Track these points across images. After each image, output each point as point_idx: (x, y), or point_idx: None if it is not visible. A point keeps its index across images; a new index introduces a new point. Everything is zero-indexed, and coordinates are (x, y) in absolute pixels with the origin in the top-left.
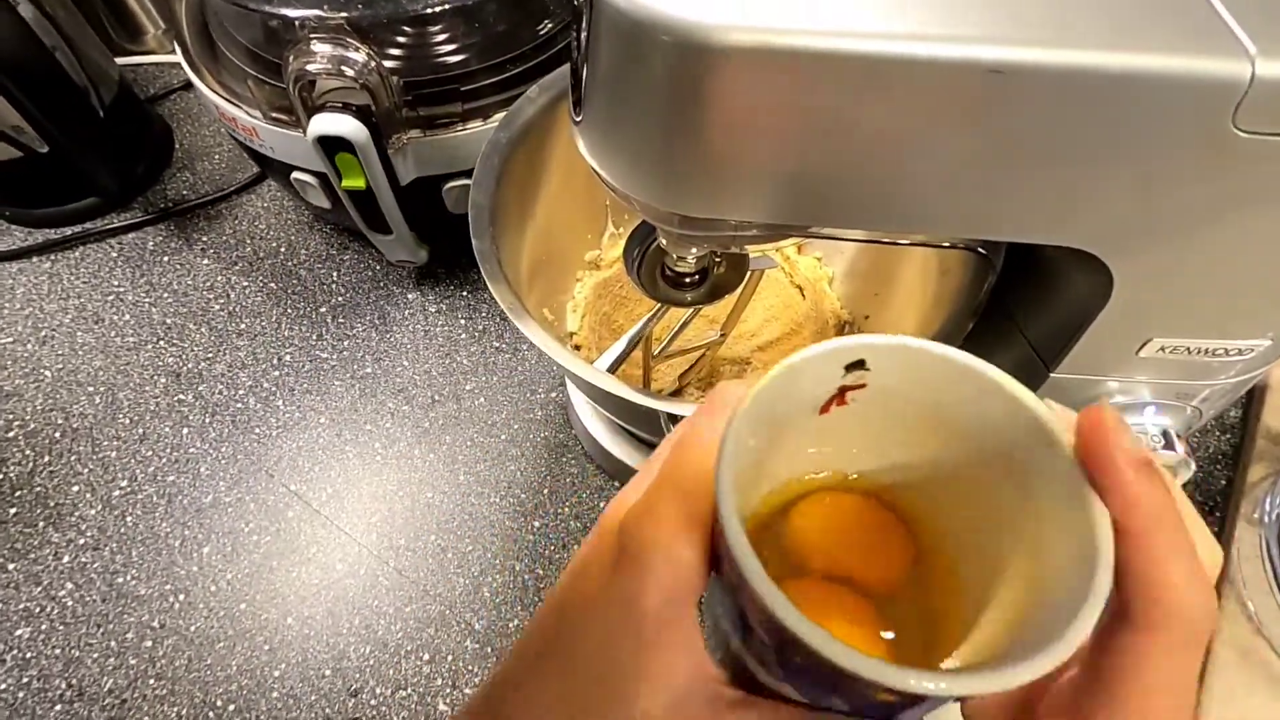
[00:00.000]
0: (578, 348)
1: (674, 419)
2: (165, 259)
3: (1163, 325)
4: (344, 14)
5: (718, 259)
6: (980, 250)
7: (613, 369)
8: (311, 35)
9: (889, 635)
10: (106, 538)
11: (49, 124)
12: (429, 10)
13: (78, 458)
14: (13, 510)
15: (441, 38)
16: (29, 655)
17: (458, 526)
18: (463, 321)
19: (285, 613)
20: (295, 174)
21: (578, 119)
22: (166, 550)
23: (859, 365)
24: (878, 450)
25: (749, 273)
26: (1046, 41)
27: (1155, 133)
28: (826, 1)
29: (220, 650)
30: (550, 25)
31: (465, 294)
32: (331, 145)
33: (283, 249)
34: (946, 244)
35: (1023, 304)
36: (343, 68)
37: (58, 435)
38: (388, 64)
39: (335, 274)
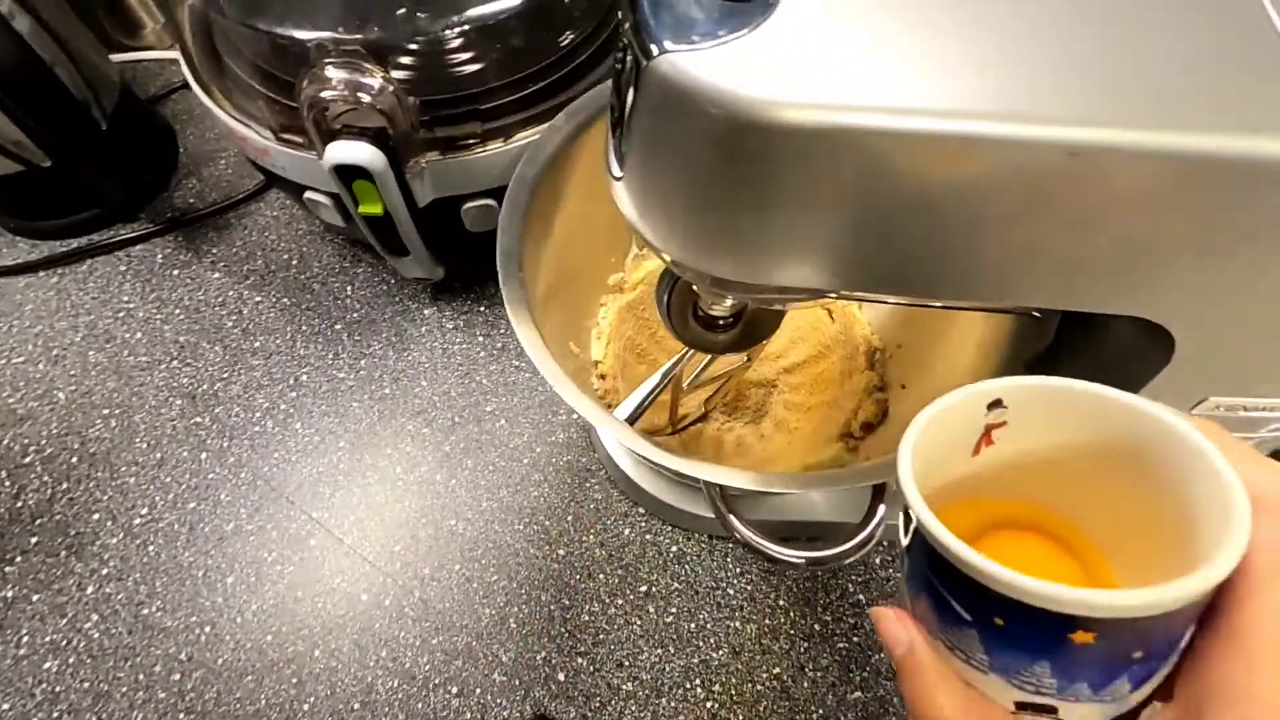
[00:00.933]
0: (603, 377)
1: (716, 489)
2: (175, 272)
3: (1223, 386)
4: (359, 36)
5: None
6: (1035, 314)
7: (633, 418)
8: (326, 60)
9: None
10: (129, 568)
11: (50, 139)
12: (448, 31)
13: (96, 484)
14: (34, 539)
15: (460, 56)
16: (58, 689)
17: (482, 555)
18: (481, 339)
19: (312, 645)
20: (308, 194)
21: (618, 176)
22: (190, 581)
23: (997, 404)
24: (1028, 477)
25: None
26: (1130, 122)
27: (1242, 211)
28: (887, 73)
29: (249, 684)
30: (572, 35)
31: (482, 309)
32: (348, 173)
33: (294, 261)
34: (999, 309)
35: (1072, 362)
36: (359, 94)
37: (75, 460)
38: (404, 83)
39: (349, 288)
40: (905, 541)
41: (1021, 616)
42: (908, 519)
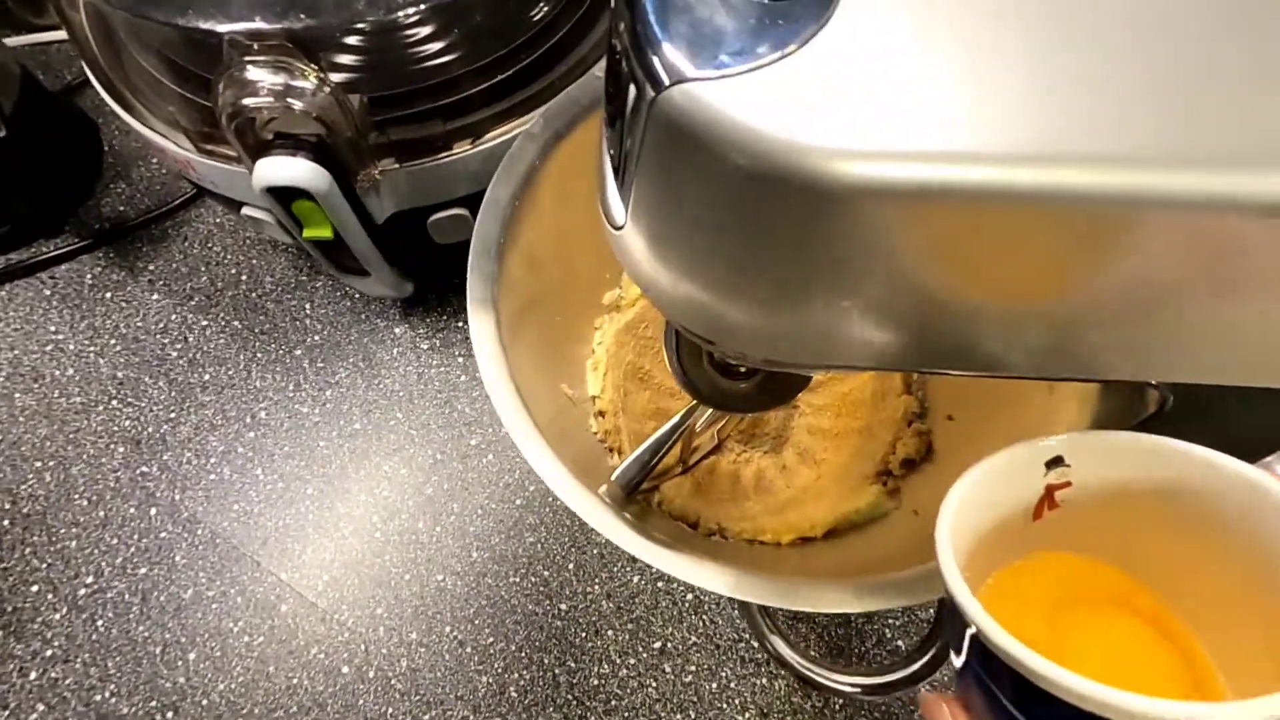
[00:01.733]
0: (601, 414)
1: (761, 611)
2: (108, 295)
3: None
4: (283, 25)
5: None
6: (1151, 384)
7: (632, 486)
8: (245, 59)
9: None
10: (77, 647)
11: None
12: (394, 13)
13: (33, 550)
14: None
15: (411, 40)
16: None
17: (475, 615)
18: (460, 360)
19: None
20: (246, 209)
21: (618, 225)
22: (147, 659)
23: (1058, 462)
24: (1104, 546)
25: None
26: None
27: None
28: (994, 106)
29: None
30: (546, 7)
31: (460, 325)
32: (285, 194)
33: (244, 276)
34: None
35: (1190, 430)
36: (289, 99)
37: (7, 523)
38: (343, 76)
39: (308, 306)
40: (953, 632)
41: (1061, 713)
42: (956, 611)
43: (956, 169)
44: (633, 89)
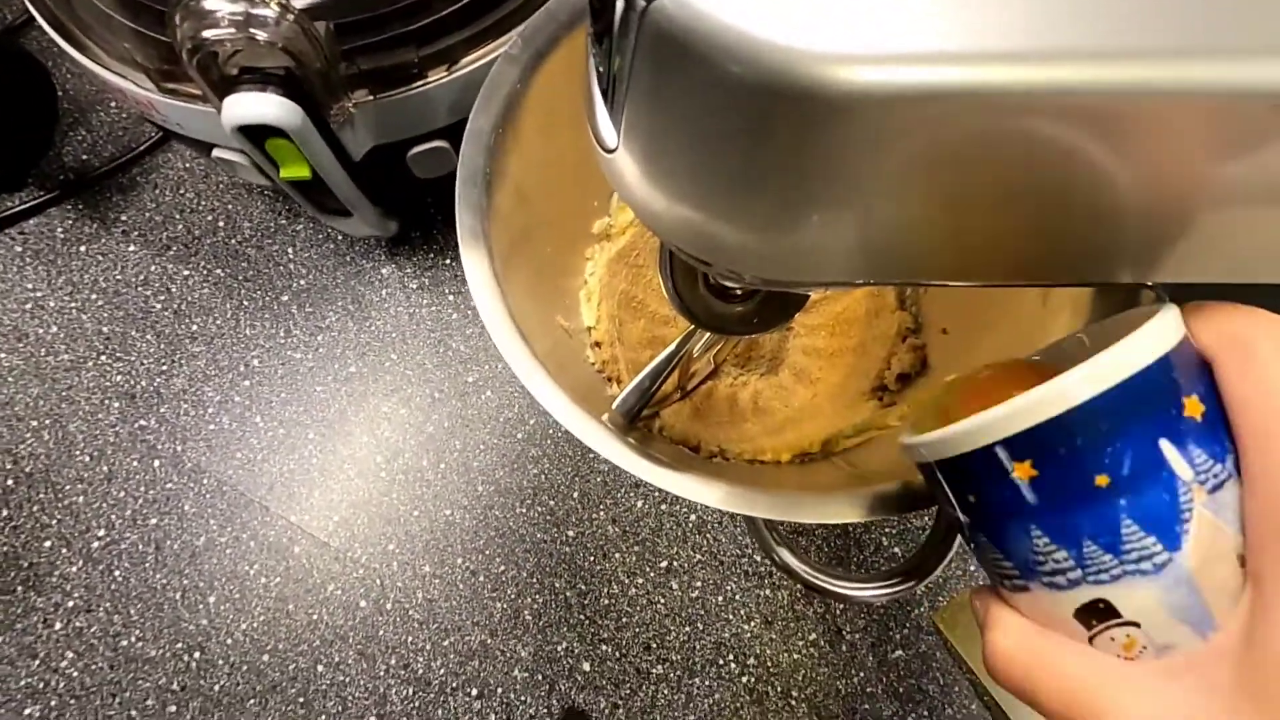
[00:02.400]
0: (598, 345)
1: (766, 525)
2: (82, 248)
3: None
4: None
5: None
6: (1147, 285)
7: (634, 414)
8: None
9: None
10: (97, 597)
11: None
12: None
13: (40, 507)
14: None
15: None
16: None
17: (485, 545)
18: (451, 298)
19: (314, 660)
20: (216, 151)
21: (610, 148)
22: (169, 604)
23: None
24: None
25: None
26: None
27: None
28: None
29: (252, 708)
30: None
31: (448, 262)
32: (257, 133)
33: (221, 222)
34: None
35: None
36: (251, 30)
37: (10, 483)
38: (307, 2)
39: (291, 249)
40: (943, 496)
41: (971, 478)
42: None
43: (961, 70)
44: (621, 1)
